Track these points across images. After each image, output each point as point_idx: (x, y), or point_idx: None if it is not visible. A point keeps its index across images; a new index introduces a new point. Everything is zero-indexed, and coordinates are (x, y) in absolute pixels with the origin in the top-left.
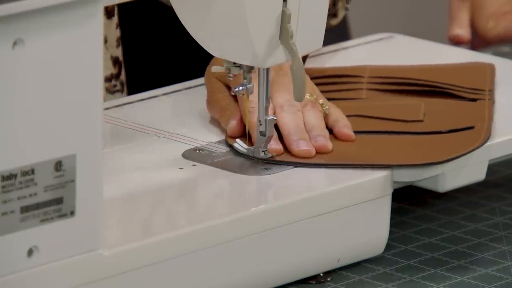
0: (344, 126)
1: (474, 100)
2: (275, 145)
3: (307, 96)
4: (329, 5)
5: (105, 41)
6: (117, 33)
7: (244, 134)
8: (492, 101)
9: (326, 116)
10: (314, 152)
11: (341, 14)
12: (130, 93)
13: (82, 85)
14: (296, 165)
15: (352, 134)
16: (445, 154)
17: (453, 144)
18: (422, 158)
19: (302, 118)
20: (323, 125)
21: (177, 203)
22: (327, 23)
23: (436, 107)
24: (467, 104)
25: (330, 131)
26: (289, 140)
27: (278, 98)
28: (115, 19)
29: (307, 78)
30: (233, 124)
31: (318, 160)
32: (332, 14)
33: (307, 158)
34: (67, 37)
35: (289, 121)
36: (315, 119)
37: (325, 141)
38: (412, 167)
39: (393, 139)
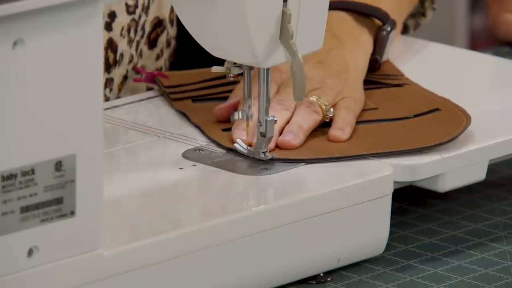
0: (336, 128)
1: (399, 85)
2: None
3: (313, 98)
4: (417, 5)
5: None
6: (157, 64)
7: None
8: (416, 84)
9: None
10: (272, 147)
11: (429, 13)
12: None
13: (82, 85)
14: (298, 161)
15: (342, 136)
16: (439, 136)
17: (437, 126)
18: (420, 142)
19: (288, 117)
20: (304, 123)
21: (177, 203)
22: (416, 23)
23: (374, 95)
24: (398, 90)
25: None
26: None
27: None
28: (157, 49)
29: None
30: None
31: (305, 155)
32: (420, 13)
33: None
34: (67, 37)
35: None
36: (296, 116)
37: (291, 137)
38: (416, 152)
39: (368, 128)
